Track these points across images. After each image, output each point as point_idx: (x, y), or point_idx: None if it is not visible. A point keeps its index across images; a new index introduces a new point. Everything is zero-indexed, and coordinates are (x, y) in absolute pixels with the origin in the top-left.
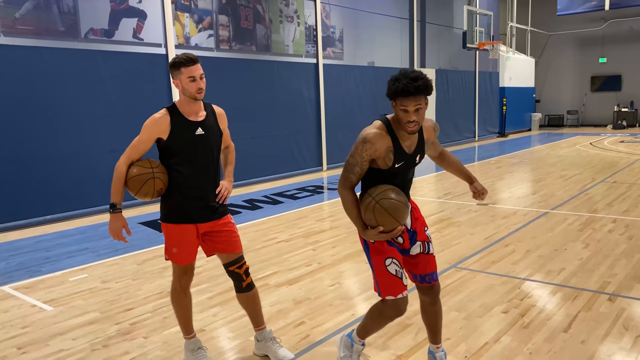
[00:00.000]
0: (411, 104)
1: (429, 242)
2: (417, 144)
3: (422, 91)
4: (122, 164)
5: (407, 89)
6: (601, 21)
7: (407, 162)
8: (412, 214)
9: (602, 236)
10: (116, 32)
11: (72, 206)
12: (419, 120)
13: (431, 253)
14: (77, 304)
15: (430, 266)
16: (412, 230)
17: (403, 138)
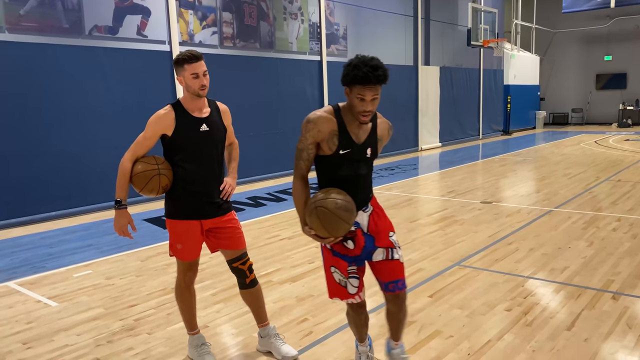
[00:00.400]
0: (369, 93)
1: (394, 248)
2: (369, 137)
3: (381, 81)
4: (127, 160)
5: (367, 78)
6: (607, 19)
7: (355, 151)
8: (371, 217)
9: (606, 234)
10: (120, 29)
11: (75, 203)
12: (373, 110)
13: (396, 259)
14: (82, 300)
15: (395, 273)
16: (368, 235)
17: (351, 125)
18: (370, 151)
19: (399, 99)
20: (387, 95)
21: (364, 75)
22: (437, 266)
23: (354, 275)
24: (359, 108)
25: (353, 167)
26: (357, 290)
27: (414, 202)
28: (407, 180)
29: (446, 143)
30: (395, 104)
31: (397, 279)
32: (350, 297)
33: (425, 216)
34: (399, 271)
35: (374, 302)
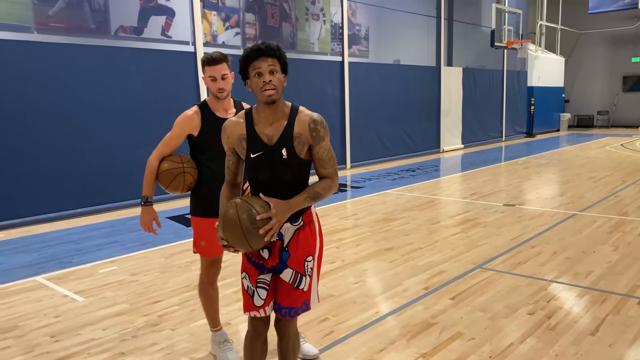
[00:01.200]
0: (264, 64)
1: (304, 275)
2: (282, 135)
3: (274, 51)
4: (154, 158)
5: (258, 49)
6: (634, 19)
7: (267, 153)
8: (297, 232)
9: (632, 239)
10: (145, 29)
11: (101, 200)
12: (275, 84)
13: (300, 289)
14: (107, 295)
15: (292, 300)
16: (285, 249)
17: (261, 126)
18: (287, 152)
19: (421, 100)
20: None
21: (252, 50)
22: (459, 268)
23: (263, 286)
24: (260, 84)
25: (271, 172)
26: (264, 304)
27: (435, 204)
28: (428, 182)
29: (468, 145)
30: (418, 104)
31: (292, 306)
32: (254, 309)
33: (447, 218)
34: (298, 299)
35: (394, 304)
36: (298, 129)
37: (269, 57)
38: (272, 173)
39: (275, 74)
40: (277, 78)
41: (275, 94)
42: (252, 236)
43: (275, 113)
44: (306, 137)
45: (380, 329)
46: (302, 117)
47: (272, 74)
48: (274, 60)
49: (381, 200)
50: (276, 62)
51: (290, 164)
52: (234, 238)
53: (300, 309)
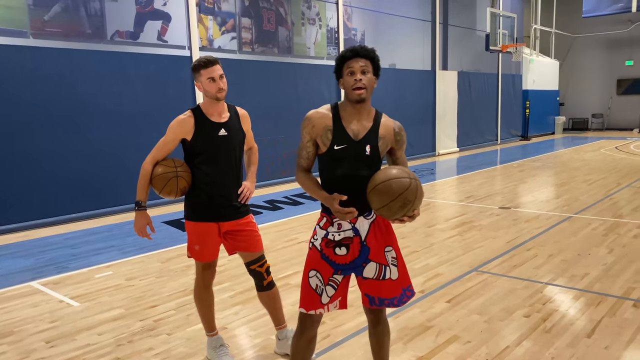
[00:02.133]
0: (356, 65)
1: (387, 265)
2: (368, 134)
3: (368, 53)
4: (148, 163)
5: (353, 51)
6: (628, 23)
7: (351, 148)
8: (372, 225)
9: (627, 241)
10: (141, 34)
11: (99, 204)
12: (366, 84)
13: (388, 279)
14: (103, 300)
15: (389, 291)
16: (364, 244)
17: (349, 121)
18: (370, 149)
19: (417, 104)
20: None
21: (347, 50)
22: (455, 271)
23: (333, 285)
24: (351, 82)
25: (351, 166)
26: (329, 301)
27: (431, 207)
28: (424, 185)
29: (464, 148)
30: (413, 108)
31: (392, 296)
32: (320, 307)
33: (444, 221)
34: (393, 289)
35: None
36: (383, 131)
37: (363, 58)
38: (351, 168)
39: (367, 74)
40: (368, 78)
41: (364, 92)
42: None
43: (361, 112)
44: (390, 140)
45: None
46: (387, 122)
47: (364, 74)
48: (367, 61)
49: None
50: (369, 63)
51: (370, 160)
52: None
53: (404, 295)
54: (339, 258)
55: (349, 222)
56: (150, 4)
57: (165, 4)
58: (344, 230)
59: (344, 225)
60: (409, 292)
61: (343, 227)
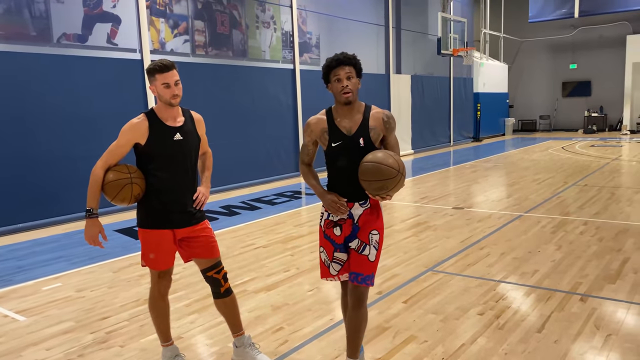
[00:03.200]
0: (342, 72)
1: (368, 244)
2: (360, 127)
3: (350, 60)
4: (99, 168)
5: (336, 60)
6: (571, 28)
7: (346, 143)
8: (365, 211)
9: (574, 238)
10: (90, 37)
11: (46, 214)
12: (352, 88)
13: (364, 254)
14: (52, 314)
15: (359, 266)
16: (356, 224)
17: (340, 119)
18: (364, 141)
19: None
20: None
21: (332, 60)
22: (412, 272)
23: (338, 262)
24: (339, 88)
25: (349, 158)
26: (337, 274)
27: (387, 209)
28: None
29: (418, 150)
30: None
31: (359, 271)
32: (330, 276)
33: (399, 222)
34: (365, 266)
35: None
36: (373, 122)
37: (347, 66)
38: (350, 159)
39: (352, 79)
40: (353, 82)
41: (351, 96)
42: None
43: (351, 110)
44: (380, 128)
45: (335, 336)
46: (376, 113)
47: (349, 79)
48: (351, 67)
49: None
50: (352, 69)
51: (366, 151)
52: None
53: (368, 278)
54: (337, 238)
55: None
56: (99, 6)
57: (115, 6)
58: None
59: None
60: (371, 280)
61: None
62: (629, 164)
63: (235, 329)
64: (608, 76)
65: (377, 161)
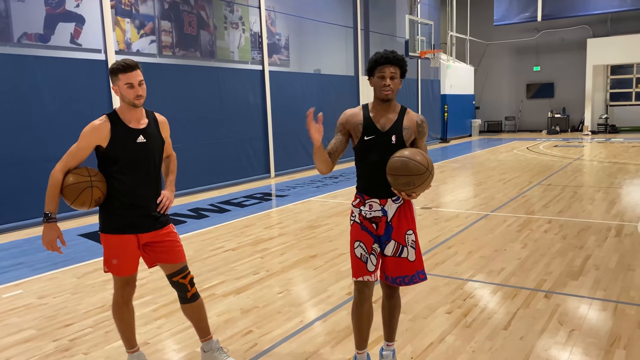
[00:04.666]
0: (387, 70)
1: (405, 246)
2: (393, 125)
3: (399, 61)
4: (58, 171)
5: (386, 56)
6: (534, 31)
7: (378, 138)
8: (399, 209)
9: (538, 236)
10: (52, 36)
11: (5, 219)
12: (393, 87)
13: (402, 257)
14: (12, 322)
15: (401, 270)
16: (390, 224)
17: (376, 115)
18: (395, 138)
19: (342, 108)
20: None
21: (383, 55)
22: None
23: (375, 254)
24: (380, 85)
25: (380, 154)
26: (374, 269)
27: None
28: (351, 188)
29: None
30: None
31: (404, 274)
32: (367, 274)
33: None
34: (407, 268)
35: (319, 311)
36: (407, 123)
37: (393, 65)
38: (381, 155)
39: (395, 79)
40: (395, 83)
41: (391, 94)
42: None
43: (387, 109)
44: (413, 130)
45: (305, 337)
46: (411, 115)
47: (392, 79)
48: (396, 68)
49: (306, 208)
50: (398, 70)
51: (397, 149)
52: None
53: (416, 277)
54: (375, 231)
55: (378, 203)
56: (62, 5)
57: (78, 6)
58: (375, 210)
59: (374, 205)
60: (422, 274)
61: (373, 208)
62: (590, 163)
63: (203, 333)
64: (570, 78)
65: (406, 156)
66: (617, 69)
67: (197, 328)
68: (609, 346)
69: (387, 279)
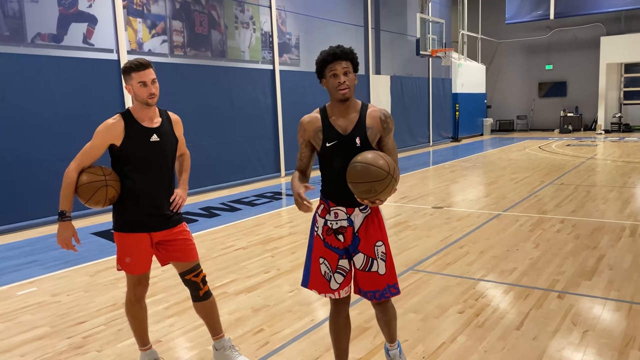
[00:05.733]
0: (339, 67)
1: (375, 259)
2: (356, 126)
3: (348, 54)
4: (73, 170)
5: (333, 53)
6: (547, 29)
7: (342, 142)
8: (366, 219)
9: (551, 236)
10: (65, 37)
11: (18, 217)
12: (349, 84)
13: (372, 271)
14: (25, 319)
15: (371, 284)
16: (356, 234)
17: (335, 117)
18: (360, 140)
19: None
20: None
21: (328, 54)
22: None
23: (341, 272)
24: (335, 84)
25: (344, 160)
26: (339, 287)
27: None
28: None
29: (397, 150)
30: None
31: (374, 289)
32: (330, 292)
33: None
34: (376, 282)
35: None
36: (370, 121)
37: (343, 60)
38: (345, 160)
39: (349, 74)
40: (350, 78)
41: (348, 92)
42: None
43: (348, 108)
44: (378, 128)
45: (315, 337)
46: (373, 112)
47: (346, 74)
48: (348, 62)
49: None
50: (349, 64)
51: (363, 151)
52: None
53: (386, 291)
54: (340, 244)
55: (344, 212)
56: (74, 6)
57: (91, 6)
58: (340, 220)
59: (340, 214)
60: (394, 289)
61: (339, 217)
62: (603, 162)
63: (215, 331)
64: (583, 77)
65: (367, 162)
66: (631, 67)
67: (209, 326)
68: (623, 347)
69: (361, 293)
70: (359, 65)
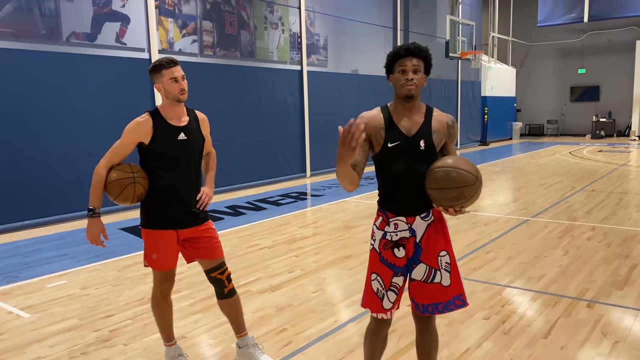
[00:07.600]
0: (409, 63)
1: (438, 269)
2: (421, 129)
3: (422, 51)
4: (102, 167)
5: (407, 48)
6: (580, 33)
7: (405, 144)
8: (429, 227)
9: (581, 243)
10: (99, 36)
11: (51, 211)
12: (417, 82)
13: (435, 282)
14: (56, 311)
15: (434, 296)
16: (418, 244)
17: (398, 117)
18: (424, 143)
19: None
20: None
21: (401, 48)
22: None
23: (394, 290)
24: (402, 80)
25: (407, 163)
26: (391, 307)
27: None
28: None
29: None
30: None
31: (436, 301)
32: (382, 312)
33: None
34: (440, 294)
35: (353, 312)
36: (436, 125)
37: (415, 57)
38: (408, 164)
39: (418, 73)
40: (419, 77)
41: (414, 89)
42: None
43: (412, 109)
44: (443, 133)
45: (339, 338)
46: (439, 115)
47: (415, 72)
48: (420, 60)
49: (341, 208)
50: (421, 62)
51: (427, 155)
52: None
53: (451, 303)
54: (398, 260)
55: (405, 222)
56: (108, 5)
57: (124, 6)
58: (401, 231)
59: (400, 225)
60: (460, 301)
61: (399, 227)
62: (637, 169)
63: (239, 329)
64: (617, 81)
65: (450, 166)
66: None
67: (233, 324)
68: None
69: (418, 308)
70: (431, 67)
